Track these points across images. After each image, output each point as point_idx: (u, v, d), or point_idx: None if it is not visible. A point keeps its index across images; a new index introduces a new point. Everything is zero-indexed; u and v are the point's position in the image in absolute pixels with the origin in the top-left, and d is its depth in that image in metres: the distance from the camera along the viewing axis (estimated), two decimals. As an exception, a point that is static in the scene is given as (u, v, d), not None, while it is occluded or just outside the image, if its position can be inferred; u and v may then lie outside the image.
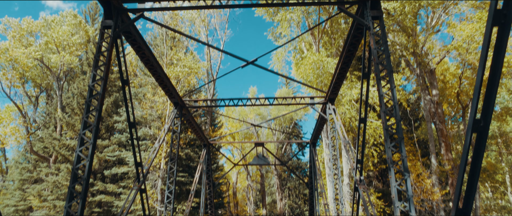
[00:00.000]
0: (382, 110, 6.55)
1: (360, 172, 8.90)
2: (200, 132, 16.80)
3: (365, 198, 8.27)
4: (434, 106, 24.44)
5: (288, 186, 45.33)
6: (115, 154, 25.45)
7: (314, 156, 16.99)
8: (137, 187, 8.96)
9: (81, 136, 6.62)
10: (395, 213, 5.94)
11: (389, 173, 6.20)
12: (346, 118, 18.36)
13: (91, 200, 24.51)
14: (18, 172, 32.96)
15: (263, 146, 18.30)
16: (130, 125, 8.93)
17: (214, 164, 30.85)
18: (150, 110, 24.56)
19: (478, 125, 3.70)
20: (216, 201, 30.56)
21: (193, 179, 17.29)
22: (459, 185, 4.01)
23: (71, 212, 6.17)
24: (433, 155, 23.14)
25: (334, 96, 12.22)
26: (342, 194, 12.31)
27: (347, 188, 20.02)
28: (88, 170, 6.39)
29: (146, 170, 9.61)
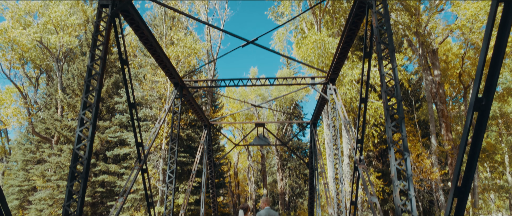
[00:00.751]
0: (383, 90, 6.50)
1: (360, 152, 8.92)
2: (201, 113, 16.81)
3: (365, 178, 8.33)
4: (435, 86, 24.33)
5: (289, 166, 45.79)
6: (117, 135, 25.58)
7: (314, 137, 17.05)
8: (138, 167, 9.03)
9: (81, 116, 6.61)
10: (394, 192, 5.99)
11: (389, 153, 6.21)
12: (346, 99, 18.31)
13: (94, 180, 24.82)
14: (21, 153, 33.29)
15: (263, 126, 18.34)
16: (130, 106, 8.91)
17: (215, 144, 31.04)
18: (151, 91, 24.51)
19: (480, 103, 3.67)
20: (218, 181, 30.93)
21: (194, 159, 17.43)
22: (458, 164, 4.01)
23: (73, 191, 6.23)
24: (433, 135, 23.21)
25: (335, 77, 12.13)
26: (342, 174, 12.41)
27: (347, 168, 20.20)
28: (89, 150, 6.41)
29: (147, 150, 9.66)
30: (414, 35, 23.51)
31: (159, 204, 21.60)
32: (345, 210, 11.93)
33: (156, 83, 23.80)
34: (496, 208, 49.17)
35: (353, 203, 9.58)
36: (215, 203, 20.00)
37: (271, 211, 6.99)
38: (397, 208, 5.84)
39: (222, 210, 32.74)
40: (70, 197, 6.21)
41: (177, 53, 22.46)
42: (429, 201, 24.15)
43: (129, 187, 8.37)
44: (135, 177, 8.69)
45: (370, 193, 7.80)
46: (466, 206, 4.10)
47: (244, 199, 50.54)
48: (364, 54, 8.06)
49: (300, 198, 43.67)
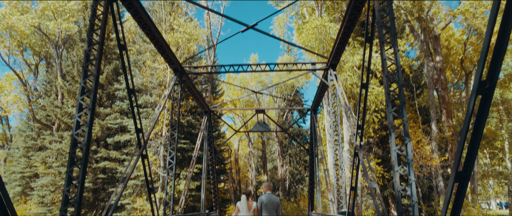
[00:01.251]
0: (385, 74, 6.42)
1: (361, 137, 8.90)
2: (201, 99, 16.76)
3: (365, 163, 8.32)
4: (437, 73, 24.18)
5: (289, 153, 45.96)
6: (117, 122, 25.60)
7: (315, 123, 17.03)
8: (138, 153, 9.02)
9: (79, 101, 6.56)
10: (394, 177, 5.97)
11: (390, 138, 6.17)
12: (347, 85, 18.21)
13: (95, 167, 24.95)
14: (22, 140, 33.41)
15: (264, 112, 18.30)
16: (130, 91, 8.85)
17: (215, 131, 31.10)
18: (151, 78, 24.41)
19: (484, 87, 3.59)
20: (218, 167, 31.08)
21: (195, 146, 17.47)
22: (460, 148, 3.97)
23: (72, 176, 6.22)
24: (434, 121, 23.18)
25: (336, 62, 12.03)
26: (342, 160, 12.43)
27: (347, 154, 20.24)
28: (88, 135, 6.38)
29: (147, 136, 9.64)
30: (416, 20, 23.23)
31: (160, 190, 21.75)
32: (345, 195, 11.98)
33: (156, 70, 23.67)
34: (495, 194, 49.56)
35: (353, 189, 9.61)
36: (216, 189, 20.14)
37: (272, 196, 7.09)
38: (397, 193, 5.84)
39: (223, 196, 33.01)
40: (70, 182, 6.21)
41: (176, 39, 22.26)
42: (429, 187, 24.30)
43: (129, 173, 8.37)
44: (135, 163, 8.69)
45: (370, 179, 7.80)
46: (466, 191, 4.07)
47: (245, 185, 50.94)
48: (366, 39, 7.95)
49: (300, 184, 43.97)
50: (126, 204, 23.35)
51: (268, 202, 7.06)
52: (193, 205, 23.99)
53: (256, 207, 7.12)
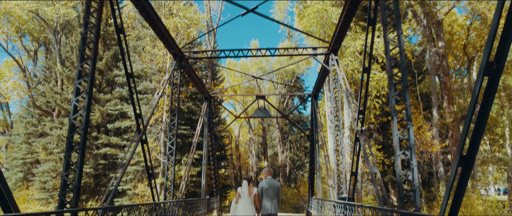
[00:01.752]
0: (388, 58, 6.28)
1: (362, 123, 8.81)
2: (201, 85, 16.63)
3: (366, 148, 8.26)
4: (439, 58, 23.95)
5: (290, 139, 46.05)
6: (117, 108, 25.54)
7: (315, 108, 16.93)
8: (138, 138, 8.96)
9: (76, 85, 6.45)
10: (396, 162, 5.91)
11: (392, 122, 6.07)
12: (348, 70, 18.04)
13: (96, 153, 25.01)
14: (23, 126, 33.43)
15: (264, 98, 18.19)
16: (128, 76, 8.73)
17: (216, 117, 31.06)
18: (150, 63, 24.22)
19: (491, 68, 3.48)
20: (219, 153, 31.16)
21: (195, 132, 17.43)
22: (465, 131, 3.87)
23: (71, 161, 6.17)
24: (435, 107, 23.07)
25: (338, 47, 11.85)
26: (342, 146, 12.38)
27: (347, 140, 20.21)
28: (85, 120, 6.30)
29: (146, 121, 9.56)
30: (419, 5, 22.87)
31: (161, 176, 21.84)
32: (345, 181, 11.98)
33: (155, 56, 23.47)
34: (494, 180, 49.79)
35: (354, 174, 9.58)
36: (216, 175, 20.20)
37: (272, 181, 7.16)
38: (398, 178, 5.78)
39: (223, 182, 33.21)
40: (68, 167, 6.15)
41: (176, 24, 21.98)
42: (429, 172, 24.37)
43: (128, 158, 8.32)
44: (134, 148, 8.63)
45: (371, 164, 7.74)
46: (470, 175, 4.00)
47: (246, 171, 51.23)
48: (368, 22, 7.77)
49: (300, 170, 44.19)
50: (127, 189, 23.49)
51: (269, 187, 7.10)
52: (194, 191, 24.13)
53: (257, 193, 7.15)
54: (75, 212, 5.77)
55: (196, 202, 15.31)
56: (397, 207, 5.66)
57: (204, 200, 16.81)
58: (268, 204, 7.07)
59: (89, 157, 25.58)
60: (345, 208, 9.49)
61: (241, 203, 7.00)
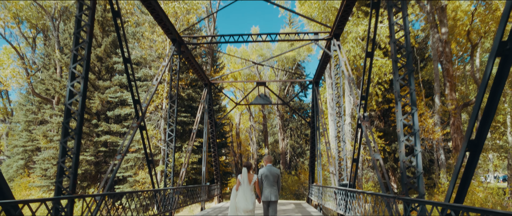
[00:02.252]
0: (392, 40, 6.08)
1: (364, 109, 8.65)
2: (201, 71, 16.42)
3: (368, 135, 8.12)
4: (442, 45, 23.63)
5: (290, 127, 45.99)
6: (117, 95, 25.38)
7: (316, 95, 16.75)
8: (136, 125, 8.82)
9: (71, 70, 6.27)
10: (399, 148, 5.76)
11: (396, 107, 5.91)
12: (350, 56, 17.79)
13: (96, 140, 24.96)
14: (23, 114, 33.36)
15: (265, 85, 18.00)
16: (125, 61, 8.55)
17: (216, 105, 30.91)
18: (150, 50, 23.94)
19: (504, 47, 3.29)
20: (219, 141, 31.12)
21: (195, 119, 17.32)
22: (474, 115, 3.71)
23: (66, 147, 6.04)
24: (437, 94, 22.88)
25: (340, 32, 11.60)
26: (343, 132, 12.25)
27: (348, 127, 20.09)
28: (81, 105, 6.14)
29: (145, 108, 9.41)
30: (423, -10, 22.42)
31: (161, 163, 21.82)
32: (346, 168, 11.89)
33: (154, 42, 23.17)
34: (494, 168, 49.87)
35: (355, 161, 9.47)
36: (217, 162, 20.16)
37: (272, 168, 7.15)
38: (402, 164, 5.64)
39: (224, 169, 33.25)
40: (65, 153, 6.02)
41: (175, 9, 21.62)
42: (429, 160, 24.32)
43: (127, 145, 8.20)
44: (133, 135, 8.51)
45: (373, 150, 7.61)
46: (478, 161, 3.86)
47: (246, 158, 51.35)
48: (372, 4, 7.53)
49: (301, 158, 44.26)
50: (128, 176, 23.51)
51: (269, 174, 7.09)
52: (194, 178, 24.15)
53: (257, 180, 7.13)
54: (72, 199, 5.66)
55: (197, 189, 15.29)
56: (400, 194, 5.54)
57: (205, 187, 16.79)
58: (268, 191, 7.07)
59: (89, 144, 25.54)
60: (346, 194, 9.41)
61: (241, 190, 6.96)
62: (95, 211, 6.52)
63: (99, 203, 6.63)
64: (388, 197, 6.02)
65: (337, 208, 10.46)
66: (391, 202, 5.91)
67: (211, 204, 21.29)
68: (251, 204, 6.85)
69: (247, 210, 6.78)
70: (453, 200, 4.20)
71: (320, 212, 14.31)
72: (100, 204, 6.70)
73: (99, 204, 6.62)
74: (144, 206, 9.89)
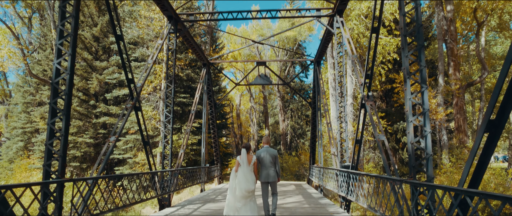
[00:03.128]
0: (402, 13, 5.64)
1: (368, 88, 8.27)
2: (199, 50, 15.95)
3: (372, 115, 7.77)
4: (447, 23, 23.01)
5: (291, 108, 45.71)
6: (115, 77, 24.95)
7: (318, 75, 16.33)
8: (131, 105, 8.47)
9: (57, 46, 5.87)
10: (408, 128, 5.42)
11: (405, 85, 5.53)
12: (353, 34, 17.25)
13: (95, 122, 24.70)
14: (21, 95, 33.03)
15: (265, 65, 17.56)
16: (118, 38, 8.12)
17: (216, 86, 30.49)
18: (147, 29, 23.34)
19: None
20: (220, 122, 30.88)
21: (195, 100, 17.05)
22: (496, 91, 3.34)
23: (54, 129, 5.71)
24: (441, 74, 22.43)
25: (343, 8, 11.09)
26: (345, 113, 11.91)
27: (350, 108, 19.75)
28: (69, 83, 5.77)
29: (140, 88, 9.04)
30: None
31: (161, 145, 21.60)
32: (348, 149, 11.61)
33: (151, 21, 22.55)
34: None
35: (358, 142, 9.16)
36: (217, 143, 19.94)
37: (269, 149, 7.27)
38: (409, 145, 5.32)
39: (224, 150, 33.15)
40: (53, 135, 5.70)
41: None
42: (431, 141, 24.06)
43: (121, 126, 7.88)
44: (127, 115, 8.17)
45: (377, 131, 7.28)
46: (497, 142, 3.51)
47: (247, 139, 51.32)
48: (379, -24, 7.03)
49: (301, 139, 44.17)
50: (128, 158, 23.37)
51: (266, 155, 7.19)
52: (194, 159, 24.02)
53: (256, 160, 7.18)
54: (61, 183, 5.37)
55: (196, 171, 15.09)
56: (408, 177, 5.24)
57: (204, 169, 16.61)
58: (265, 173, 7.18)
59: (88, 126, 25.31)
60: (348, 176, 9.15)
61: (241, 171, 6.98)
62: (88, 195, 6.26)
63: (91, 186, 6.36)
64: (394, 180, 5.72)
65: (339, 190, 10.24)
66: (397, 185, 5.62)
67: (211, 186, 21.21)
68: (253, 184, 6.92)
69: (249, 191, 6.84)
70: (467, 184, 3.88)
71: (321, 193, 14.16)
72: (93, 188, 6.43)
73: (91, 188, 6.35)
74: (145, 188, 9.69)
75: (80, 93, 25.08)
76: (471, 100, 38.56)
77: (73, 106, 24.07)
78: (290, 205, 10.25)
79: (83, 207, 6.03)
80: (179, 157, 12.89)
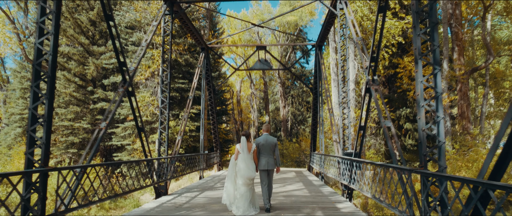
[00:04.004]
0: (414, -12, 5.15)
1: (373, 71, 7.83)
2: (197, 34, 15.42)
3: (378, 99, 7.34)
4: (452, 7, 22.36)
5: (291, 94, 45.26)
6: (112, 62, 24.42)
7: (320, 59, 15.83)
8: (123, 90, 8.04)
9: (39, 24, 5.41)
10: (419, 114, 5.01)
11: (416, 67, 5.09)
12: (357, 17, 16.66)
13: (92, 107, 24.31)
14: (18, 81, 32.56)
15: (265, 49, 17.04)
16: (107, 18, 7.64)
17: (216, 71, 29.97)
18: (144, 12, 22.71)
19: None
20: (220, 108, 30.50)
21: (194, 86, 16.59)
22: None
23: (37, 114, 5.30)
24: (446, 59, 21.89)
25: (347, -12, 10.52)
26: (348, 98, 11.49)
27: (352, 93, 19.29)
28: (52, 65, 5.34)
29: (133, 71, 8.60)
30: None
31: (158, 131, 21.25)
32: (350, 136, 11.22)
33: (148, 4, 21.92)
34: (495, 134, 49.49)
35: (362, 128, 8.77)
36: (216, 129, 19.60)
37: (268, 137, 7.19)
38: (421, 133, 4.91)
39: (224, 137, 32.85)
40: (35, 121, 5.29)
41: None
42: (434, 127, 23.65)
43: (112, 111, 7.47)
44: (119, 101, 7.76)
45: (383, 116, 6.86)
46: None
47: (247, 126, 51.04)
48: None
49: (302, 125, 43.86)
50: (126, 145, 23.07)
51: (265, 143, 7.11)
52: (194, 145, 23.72)
53: (256, 148, 7.15)
54: (44, 172, 5.00)
55: (194, 157, 14.77)
56: (418, 166, 4.85)
57: (203, 155, 16.29)
58: (264, 161, 7.09)
59: (86, 112, 24.92)
60: (351, 164, 8.79)
61: (242, 159, 6.95)
62: (76, 185, 5.90)
63: (79, 175, 5.99)
64: (402, 170, 5.33)
65: (341, 178, 9.90)
66: (406, 175, 5.23)
67: (210, 172, 20.96)
68: (254, 172, 6.92)
69: (251, 178, 6.86)
70: (488, 175, 3.48)
71: (321, 180, 13.86)
72: (81, 177, 6.07)
73: (79, 176, 5.98)
74: (144, 174, 9.36)
75: (76, 78, 24.60)
76: (474, 86, 38.03)
77: (69, 92, 23.64)
78: (291, 193, 9.93)
79: (70, 197, 5.67)
80: (176, 144, 12.54)
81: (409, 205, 5.03)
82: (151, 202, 9.05)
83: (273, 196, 9.09)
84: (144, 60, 22.79)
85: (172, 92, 22.94)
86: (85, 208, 17.66)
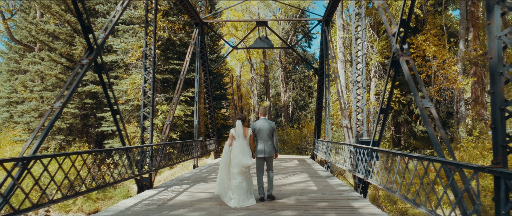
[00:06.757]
0: None
1: (402, 39, 6.21)
2: (190, 7, 13.70)
3: (410, 74, 5.73)
4: (469, -18, 20.55)
5: (293, 79, 43.64)
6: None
7: (326, 36, 14.14)
8: (88, 61, 6.43)
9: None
10: (492, 86, 3.39)
11: (488, 17, 3.47)
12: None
13: (81, 90, 22.71)
14: (5, 62, 30.94)
15: (266, 25, 15.34)
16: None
17: (214, 54, 28.21)
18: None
19: None
20: (218, 93, 28.93)
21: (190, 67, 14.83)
22: None
23: None
24: (462, 39, 20.20)
25: None
26: (363, 77, 9.89)
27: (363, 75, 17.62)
28: None
29: (103, 39, 6.97)
30: None
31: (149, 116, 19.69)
32: (365, 121, 9.65)
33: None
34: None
35: (383, 112, 7.20)
36: (213, 114, 18.06)
37: (266, 121, 6.62)
38: (496, 112, 3.33)
39: (223, 122, 31.35)
40: None
41: None
42: (447, 112, 22.11)
43: (71, 89, 5.88)
44: (81, 74, 6.16)
45: (420, 96, 5.25)
46: None
47: (247, 112, 49.56)
48: None
49: (303, 111, 42.36)
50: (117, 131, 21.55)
51: (263, 128, 6.50)
52: (189, 131, 22.22)
53: (252, 133, 6.53)
54: None
55: (187, 144, 13.27)
56: (491, 162, 3.29)
57: (197, 142, 14.79)
58: (261, 147, 6.50)
59: (74, 96, 23.34)
60: (370, 155, 7.25)
61: (237, 145, 6.35)
62: (11, 184, 4.36)
63: (20, 170, 4.45)
64: (460, 166, 3.76)
65: (355, 171, 8.38)
66: (458, 171, 3.66)
67: (207, 160, 19.52)
68: (250, 159, 6.34)
69: (246, 166, 6.27)
70: None
71: (328, 170, 12.37)
72: (22, 172, 4.53)
73: (20, 171, 4.44)
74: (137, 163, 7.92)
75: (63, 59, 22.90)
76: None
77: (55, 74, 22.01)
78: (294, 187, 8.45)
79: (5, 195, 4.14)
80: (164, 130, 11.01)
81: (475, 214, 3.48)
82: (131, 198, 7.61)
83: (274, 190, 7.68)
84: (136, 39, 21.08)
85: (165, 74, 21.29)
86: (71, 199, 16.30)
